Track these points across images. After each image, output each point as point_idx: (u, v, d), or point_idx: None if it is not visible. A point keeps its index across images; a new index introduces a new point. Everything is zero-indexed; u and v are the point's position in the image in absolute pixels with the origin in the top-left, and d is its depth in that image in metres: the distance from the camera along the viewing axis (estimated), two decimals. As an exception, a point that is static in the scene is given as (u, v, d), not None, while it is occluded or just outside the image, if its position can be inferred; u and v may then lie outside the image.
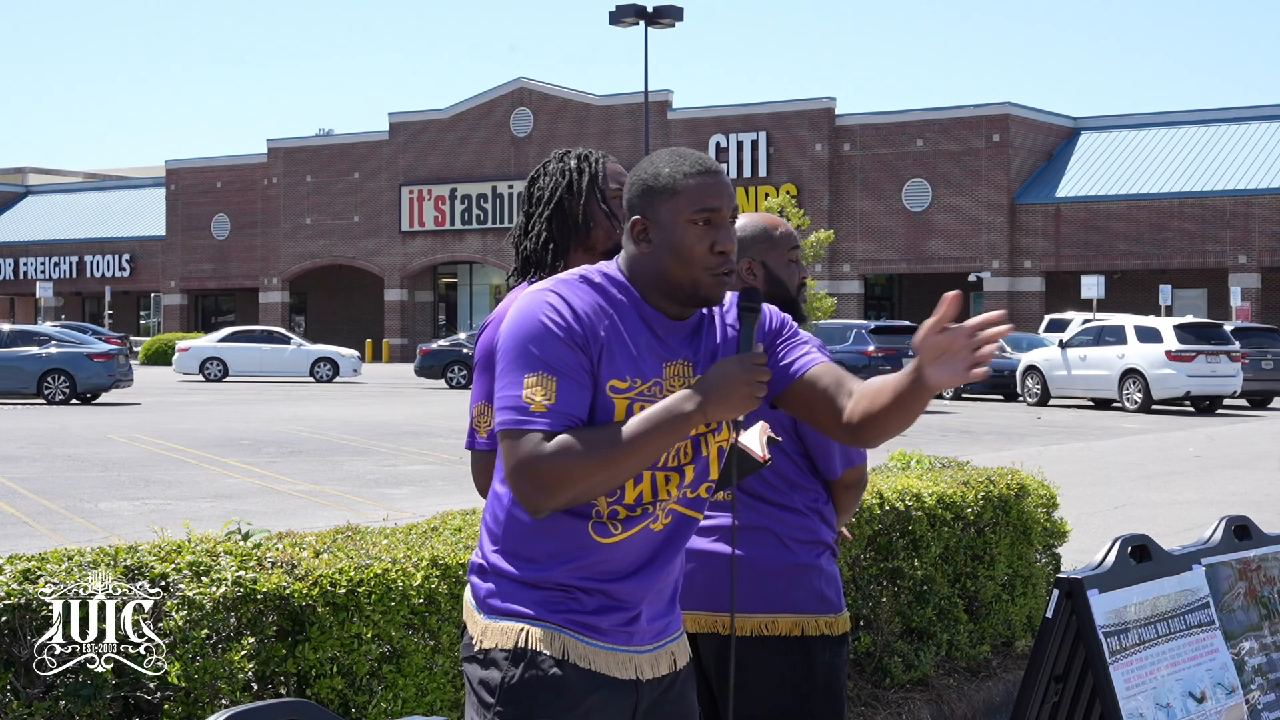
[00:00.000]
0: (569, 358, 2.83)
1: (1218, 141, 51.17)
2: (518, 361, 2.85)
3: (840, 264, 53.56)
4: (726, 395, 2.84)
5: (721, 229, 2.94)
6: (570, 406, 2.82)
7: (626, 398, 2.88)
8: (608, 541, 2.90)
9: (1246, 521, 4.72)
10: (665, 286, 2.94)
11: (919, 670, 6.46)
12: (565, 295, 2.89)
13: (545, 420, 2.80)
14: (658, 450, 2.83)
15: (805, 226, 26.08)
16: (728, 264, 2.94)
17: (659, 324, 2.96)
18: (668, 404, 2.84)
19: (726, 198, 2.96)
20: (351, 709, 4.16)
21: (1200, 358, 29.80)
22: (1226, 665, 4.38)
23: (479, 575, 2.99)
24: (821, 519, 3.96)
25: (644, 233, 2.96)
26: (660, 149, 3.05)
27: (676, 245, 2.92)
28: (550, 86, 60.43)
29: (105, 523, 12.39)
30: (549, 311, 2.86)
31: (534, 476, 2.78)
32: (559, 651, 2.88)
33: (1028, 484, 7.18)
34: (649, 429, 2.82)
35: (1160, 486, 15.89)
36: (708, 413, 2.84)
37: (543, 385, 2.81)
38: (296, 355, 42.99)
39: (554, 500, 2.81)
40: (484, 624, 2.94)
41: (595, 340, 2.87)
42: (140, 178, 78.76)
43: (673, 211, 2.93)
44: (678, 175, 2.95)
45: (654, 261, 2.94)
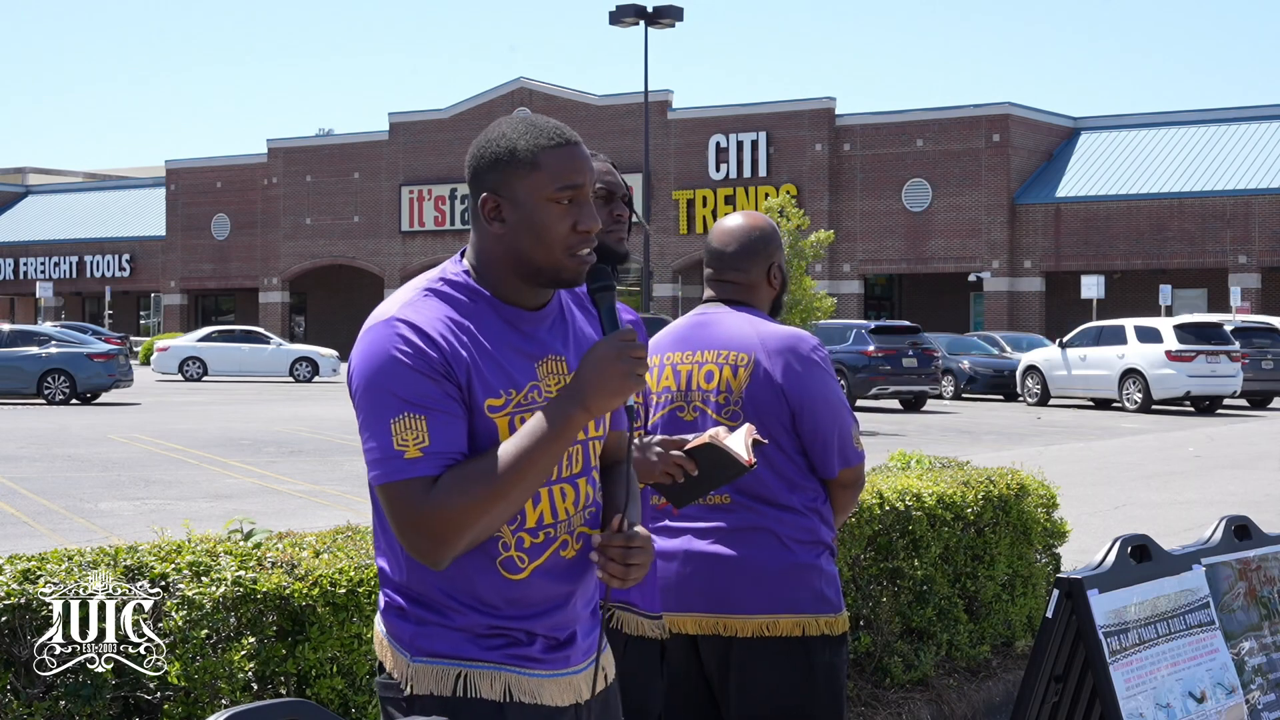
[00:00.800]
0: (432, 390, 2.56)
1: (1218, 141, 51.15)
2: (378, 406, 2.57)
3: (840, 264, 53.54)
4: (603, 383, 2.58)
5: (584, 206, 2.68)
6: (446, 444, 2.56)
7: (506, 414, 2.64)
8: (518, 578, 2.67)
9: (1246, 521, 4.71)
10: (521, 269, 2.68)
11: (919, 670, 6.45)
12: (412, 320, 2.60)
13: (424, 465, 2.55)
14: (549, 462, 2.58)
15: (805, 226, 26.03)
16: (589, 243, 2.68)
17: (520, 320, 2.71)
18: (546, 411, 2.59)
19: (588, 171, 2.69)
20: (352, 709, 4.15)
21: (1200, 358, 29.80)
22: (1226, 665, 4.37)
23: (398, 616, 2.71)
24: (820, 519, 3.95)
25: (496, 211, 2.68)
26: (505, 116, 2.76)
27: (536, 225, 2.65)
28: (550, 86, 60.41)
29: (105, 523, 12.39)
30: (398, 343, 2.58)
31: (424, 529, 2.54)
32: (501, 693, 2.66)
33: (1028, 484, 7.18)
34: (534, 443, 2.57)
35: (1160, 486, 15.89)
36: (589, 407, 2.58)
37: (412, 427, 2.55)
38: (276, 355, 43.06)
39: (453, 549, 2.56)
40: (414, 666, 2.67)
41: (458, 362, 2.60)
42: (140, 178, 78.71)
43: (532, 189, 2.65)
44: (537, 149, 2.66)
45: (508, 243, 2.68)
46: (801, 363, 3.91)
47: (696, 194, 56.06)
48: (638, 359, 2.60)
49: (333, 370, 42.87)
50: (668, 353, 4.02)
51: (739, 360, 3.91)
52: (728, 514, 3.90)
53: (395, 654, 2.71)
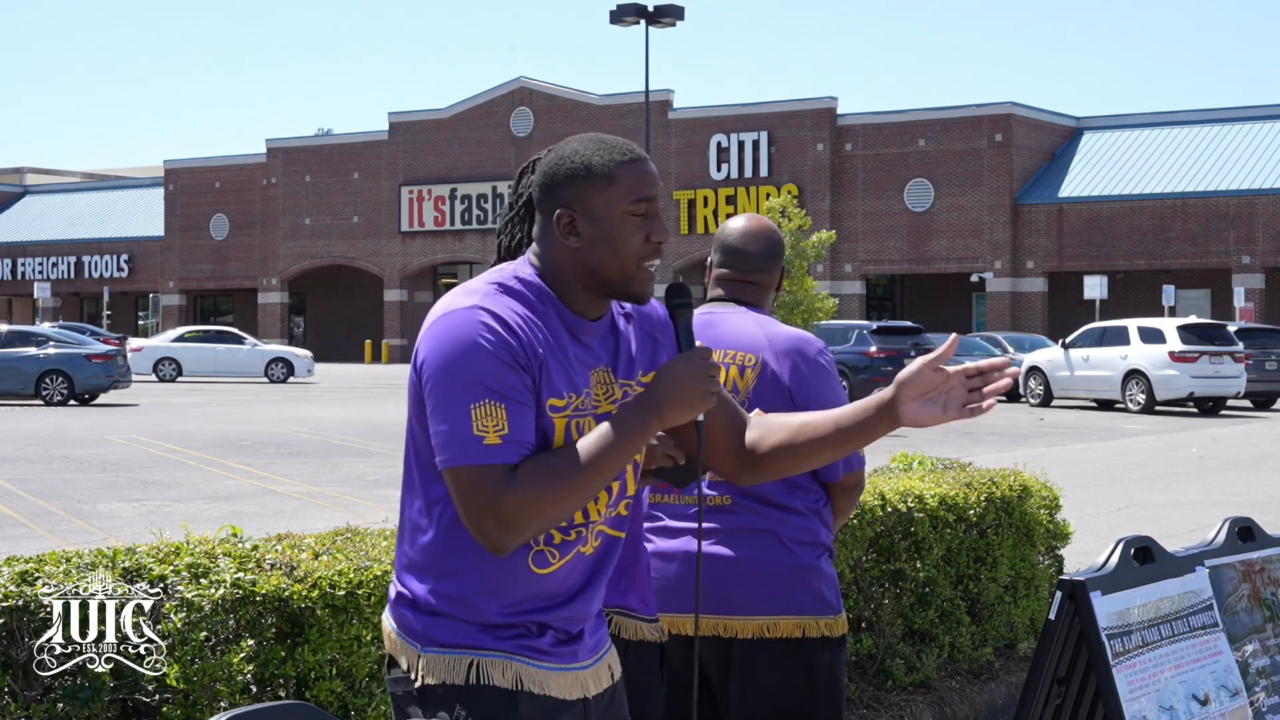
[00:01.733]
0: (513, 380, 2.63)
1: (1221, 141, 51.16)
2: (457, 390, 2.62)
3: (842, 264, 53.56)
4: (681, 398, 2.69)
5: (656, 219, 2.78)
6: (524, 434, 2.63)
7: (564, 416, 2.71)
8: (545, 572, 2.74)
9: (1250, 523, 4.69)
10: (594, 281, 2.76)
11: (921, 672, 6.44)
12: (496, 310, 2.68)
13: (503, 452, 2.60)
14: (619, 467, 2.68)
15: (807, 226, 26.02)
16: (659, 255, 2.79)
17: (580, 329, 2.79)
18: (624, 415, 2.69)
19: (657, 185, 2.80)
20: (351, 711, 4.14)
21: (1204, 358, 29.78)
22: (1230, 668, 4.35)
23: (410, 609, 2.77)
24: (821, 520, 3.96)
25: (572, 225, 2.76)
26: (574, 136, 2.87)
27: (613, 238, 2.74)
28: (550, 86, 60.43)
29: (104, 524, 12.37)
30: (483, 331, 2.64)
31: (500, 516, 2.59)
32: (512, 681, 2.71)
33: (1030, 485, 7.16)
34: (609, 445, 2.66)
35: (1163, 488, 15.88)
36: (665, 418, 2.70)
37: (492, 414, 2.60)
38: (251, 355, 43.09)
39: (522, 537, 2.63)
40: (425, 658, 2.73)
41: (534, 357, 2.68)
42: (139, 178, 78.76)
43: (608, 202, 2.74)
44: (611, 164, 2.75)
45: (582, 256, 2.75)
46: (808, 365, 3.92)
47: (698, 194, 56.09)
48: (713, 377, 2.71)
49: (307, 371, 43.03)
50: (671, 352, 4.02)
51: (746, 360, 3.92)
52: (728, 515, 3.89)
53: (406, 646, 2.75)
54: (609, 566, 2.87)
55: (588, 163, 2.76)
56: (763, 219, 4.18)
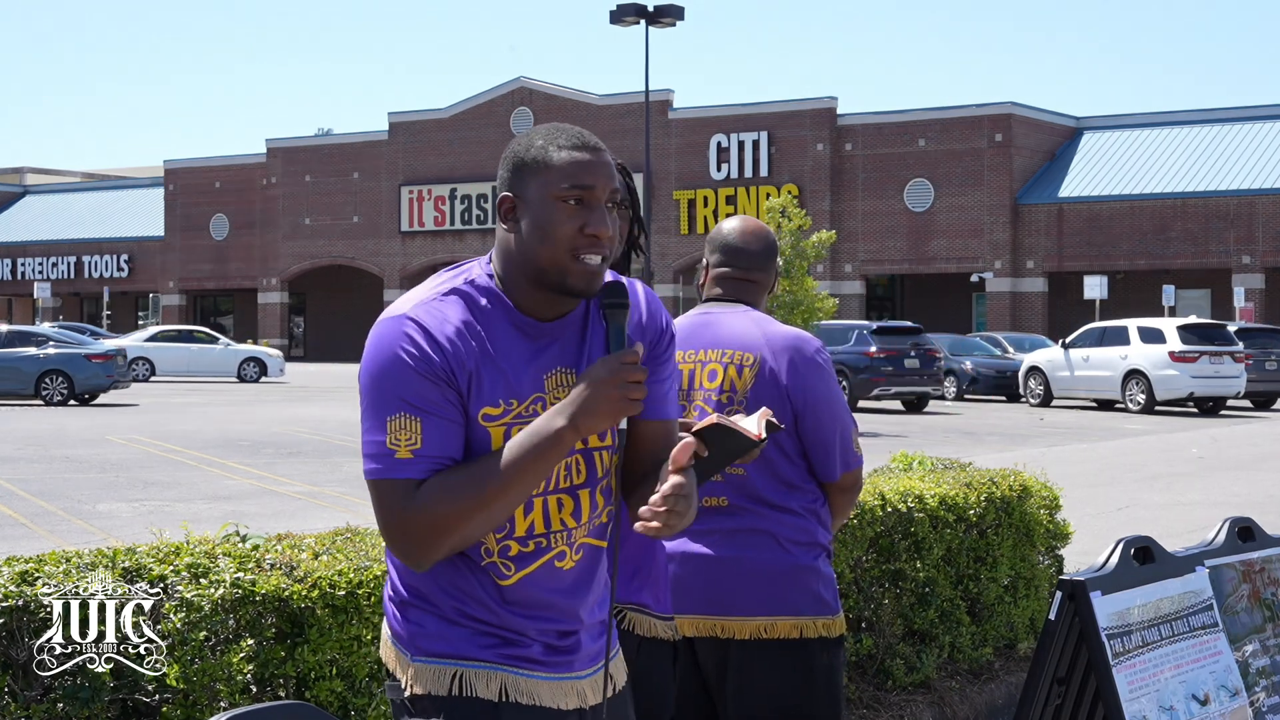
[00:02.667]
0: (432, 394, 2.57)
1: (1221, 141, 51.14)
2: (377, 402, 2.59)
3: (842, 264, 53.55)
4: (594, 404, 2.54)
5: (595, 210, 2.64)
6: (438, 448, 2.57)
7: (502, 424, 2.62)
8: (505, 583, 2.67)
9: (1250, 523, 4.69)
10: (530, 272, 2.65)
11: (921, 672, 6.44)
12: (422, 321, 2.61)
13: (412, 467, 2.56)
14: (533, 478, 2.57)
15: (807, 227, 26.00)
16: (598, 248, 2.63)
17: (533, 330, 2.68)
18: (536, 425, 2.58)
19: (604, 178, 2.65)
20: (351, 711, 4.14)
21: (1204, 358, 29.77)
22: (1230, 668, 4.35)
23: (399, 615, 2.74)
24: (818, 521, 3.96)
25: (511, 211, 2.68)
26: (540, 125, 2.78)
27: (542, 224, 2.63)
28: (550, 86, 60.42)
29: (104, 524, 12.37)
30: (404, 343, 2.59)
31: (406, 529, 2.56)
32: (497, 692, 2.66)
33: (1030, 485, 7.16)
34: (519, 456, 2.55)
35: (1163, 488, 15.87)
36: (578, 426, 2.55)
37: (406, 428, 2.56)
38: (224, 355, 43.23)
39: (431, 552, 2.58)
40: (414, 667, 2.69)
41: (461, 369, 2.60)
42: (138, 178, 78.72)
43: (542, 187, 2.64)
44: (550, 148, 2.66)
45: (519, 244, 2.66)
46: (806, 364, 3.92)
47: (697, 194, 56.07)
48: (634, 383, 2.55)
49: (279, 370, 43.26)
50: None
51: (744, 360, 3.92)
52: (726, 516, 3.89)
53: (399, 655, 2.73)
54: (595, 579, 2.78)
55: (529, 146, 2.69)
56: (757, 220, 4.21)
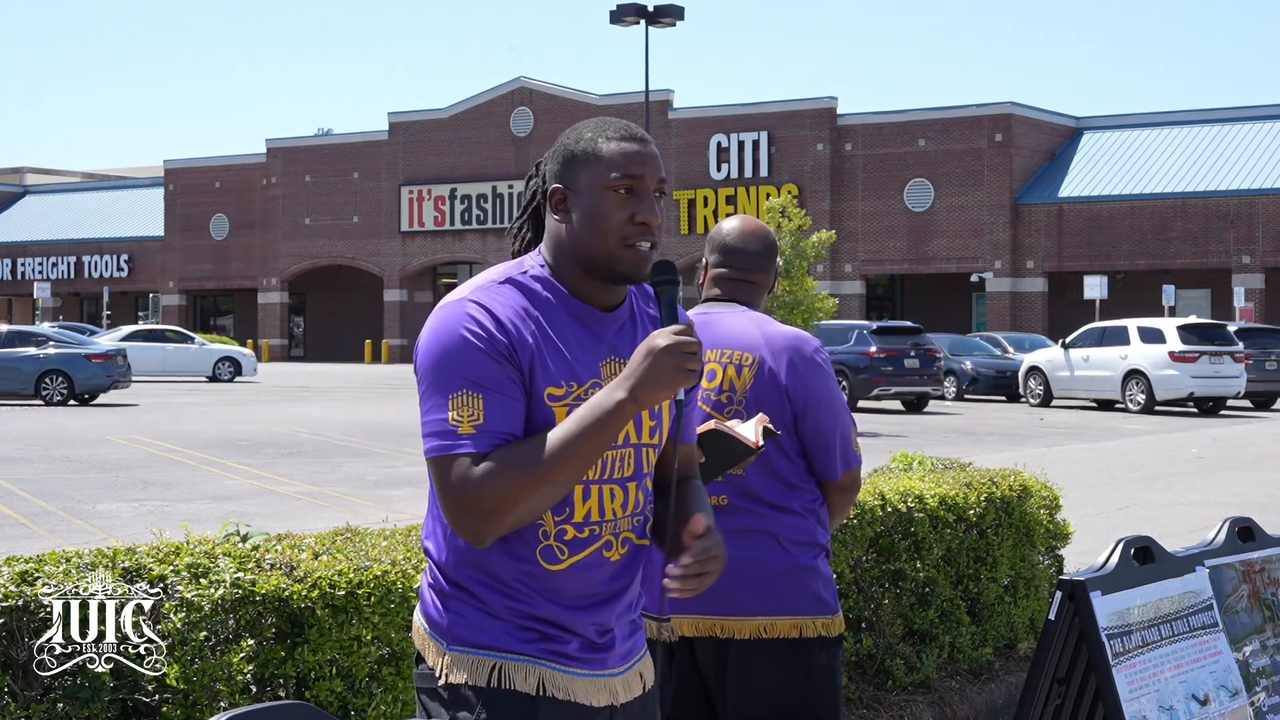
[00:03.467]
0: (495, 371, 2.62)
1: (1221, 141, 51.15)
2: (440, 381, 2.63)
3: (842, 264, 53.55)
4: (653, 374, 2.58)
5: (644, 199, 2.72)
6: (500, 424, 2.60)
7: (565, 405, 2.66)
8: (555, 569, 2.70)
9: (1250, 523, 4.69)
10: (582, 261, 2.73)
11: (921, 672, 6.44)
12: (484, 302, 2.67)
13: (474, 442, 2.58)
14: (594, 451, 2.60)
15: (807, 227, 25.99)
16: (648, 235, 2.71)
17: (589, 318, 2.75)
18: (596, 398, 2.62)
19: (651, 167, 2.73)
20: (351, 711, 4.14)
21: (1204, 358, 29.77)
22: (1230, 668, 4.35)
23: (438, 604, 2.76)
24: (818, 520, 3.96)
25: (562, 202, 2.76)
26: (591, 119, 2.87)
27: (593, 214, 2.71)
28: (550, 86, 60.42)
29: (104, 524, 12.37)
30: (468, 323, 2.64)
31: (468, 504, 2.58)
32: (535, 685, 2.69)
33: (1030, 485, 7.16)
34: (580, 429, 2.59)
35: (1163, 488, 15.87)
36: (637, 396, 2.58)
37: (469, 405, 2.59)
38: (200, 354, 43.38)
39: (495, 527, 2.60)
40: (450, 656, 2.71)
41: (524, 348, 2.65)
42: (138, 178, 78.73)
43: (591, 177, 2.72)
44: (599, 140, 2.74)
45: (571, 234, 2.73)
46: (805, 364, 3.92)
47: (698, 194, 56.07)
48: (690, 354, 2.59)
49: (253, 370, 43.60)
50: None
51: (743, 360, 3.92)
52: (725, 515, 3.89)
53: (433, 643, 2.75)
54: (634, 576, 2.82)
55: (579, 138, 2.77)
56: (757, 220, 4.20)
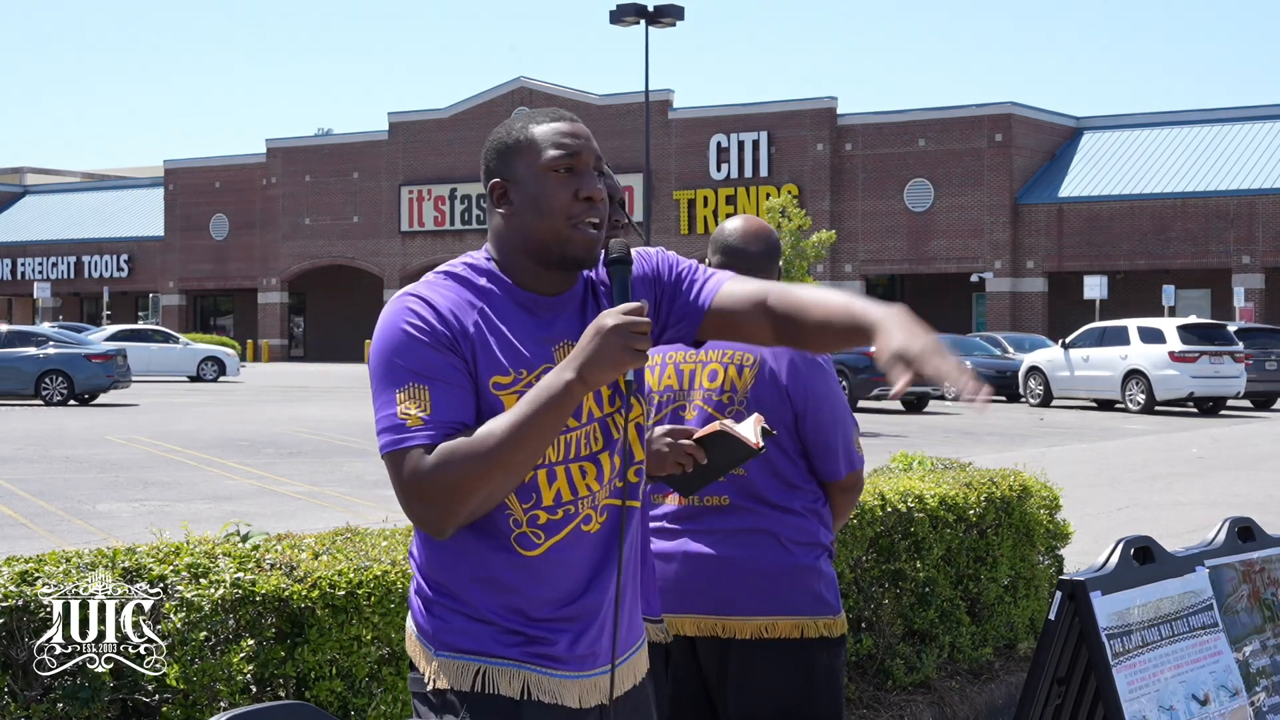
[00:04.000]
0: (438, 360, 2.62)
1: (1221, 141, 51.15)
2: (386, 377, 2.65)
3: (842, 264, 53.55)
4: (601, 353, 2.56)
5: (585, 175, 2.72)
6: (448, 413, 2.60)
7: (514, 392, 2.65)
8: (533, 554, 2.68)
9: (1250, 523, 4.69)
10: (532, 250, 2.73)
11: (921, 672, 6.44)
12: (425, 296, 2.68)
13: (423, 434, 2.59)
14: (546, 433, 2.59)
15: (807, 227, 26.02)
16: (594, 212, 2.71)
17: (537, 305, 2.75)
18: (545, 380, 2.61)
19: (585, 143, 2.74)
20: (351, 711, 4.14)
21: (1204, 358, 29.77)
22: (1230, 668, 4.35)
23: (423, 609, 2.76)
24: (820, 520, 3.95)
25: (504, 195, 2.76)
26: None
27: (537, 198, 2.71)
28: (550, 86, 60.42)
29: (103, 524, 12.37)
30: (408, 317, 2.66)
31: (423, 495, 2.57)
32: (519, 690, 2.68)
33: (1030, 485, 7.16)
34: (530, 411, 2.57)
35: (1163, 488, 15.87)
36: (585, 376, 2.57)
37: (416, 396, 2.60)
38: (184, 354, 43.49)
39: (452, 516, 2.59)
40: (437, 661, 2.71)
41: (465, 338, 2.66)
42: (138, 178, 78.70)
43: (529, 163, 2.73)
44: (530, 126, 2.75)
45: (517, 223, 2.73)
46: (806, 364, 3.92)
47: (697, 194, 56.06)
48: (639, 334, 2.58)
49: (237, 370, 43.79)
50: (670, 351, 4.02)
51: (744, 360, 3.92)
52: (727, 515, 3.89)
53: (422, 648, 2.76)
54: (627, 542, 2.77)
55: (510, 129, 2.78)
56: (760, 220, 4.18)
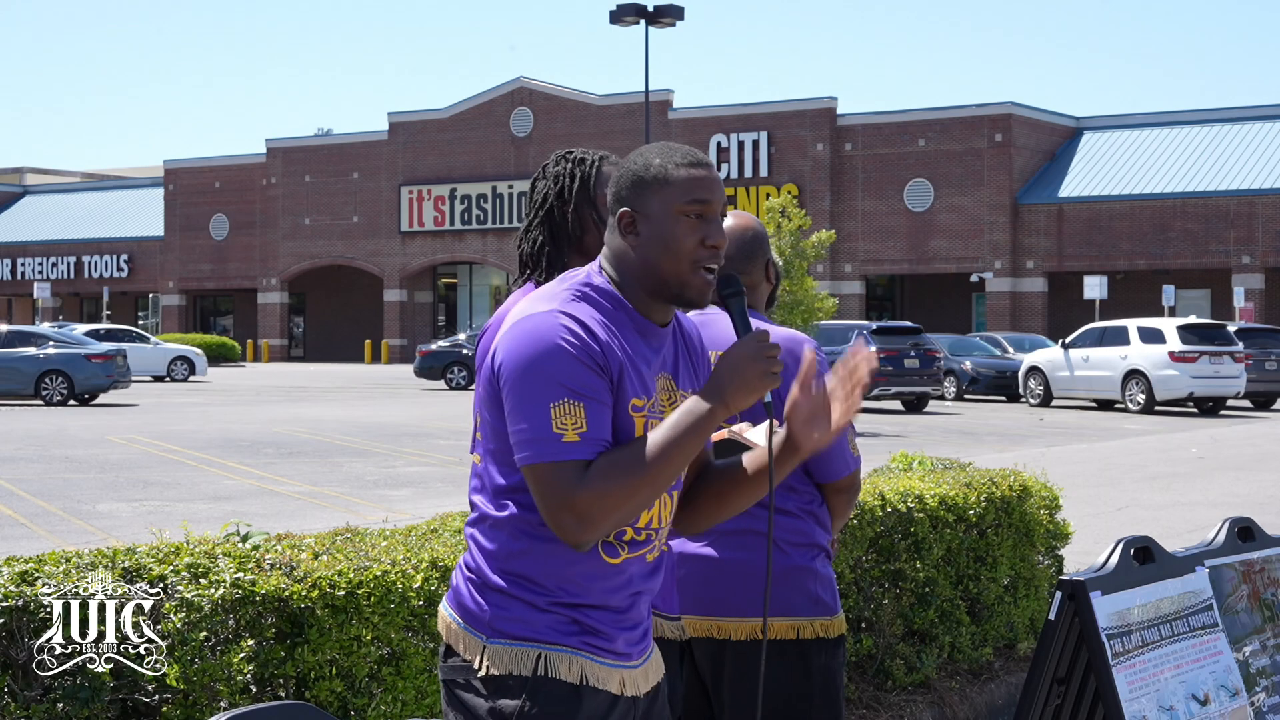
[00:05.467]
0: (592, 380, 2.72)
1: (1221, 141, 51.14)
2: (538, 389, 2.70)
3: (842, 264, 53.55)
4: (744, 381, 2.74)
5: (713, 223, 2.84)
6: (601, 431, 2.72)
7: (643, 415, 2.80)
8: (614, 562, 2.82)
9: (1250, 523, 4.69)
10: (650, 283, 2.84)
11: (921, 672, 6.44)
12: (574, 313, 2.77)
13: (580, 449, 2.69)
14: (690, 454, 2.74)
15: (807, 226, 26.00)
16: (716, 259, 2.84)
17: (650, 334, 2.88)
18: (687, 405, 2.75)
19: (718, 192, 2.86)
20: (351, 711, 4.14)
21: (1203, 358, 29.76)
22: (1230, 668, 4.35)
23: (478, 595, 2.83)
24: (816, 521, 3.94)
25: (632, 225, 2.85)
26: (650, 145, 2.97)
27: (666, 238, 2.82)
28: (550, 86, 60.41)
29: (103, 524, 12.37)
30: (563, 333, 2.73)
31: (577, 510, 2.67)
32: (577, 676, 2.79)
33: (1030, 485, 7.16)
34: (676, 436, 2.72)
35: (1163, 488, 15.87)
36: (729, 403, 2.74)
37: (571, 413, 2.69)
38: (154, 354, 43.65)
39: (599, 531, 2.70)
40: (489, 648, 2.80)
41: (613, 359, 2.77)
42: (138, 178, 78.69)
43: (664, 202, 2.83)
44: (669, 165, 2.85)
45: (641, 256, 2.84)
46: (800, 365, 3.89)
47: (697, 194, 55.99)
48: (772, 358, 2.76)
49: (204, 371, 44.17)
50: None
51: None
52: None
53: (468, 636, 2.82)
54: (661, 576, 2.97)
55: (648, 164, 2.87)
56: (740, 216, 4.08)
